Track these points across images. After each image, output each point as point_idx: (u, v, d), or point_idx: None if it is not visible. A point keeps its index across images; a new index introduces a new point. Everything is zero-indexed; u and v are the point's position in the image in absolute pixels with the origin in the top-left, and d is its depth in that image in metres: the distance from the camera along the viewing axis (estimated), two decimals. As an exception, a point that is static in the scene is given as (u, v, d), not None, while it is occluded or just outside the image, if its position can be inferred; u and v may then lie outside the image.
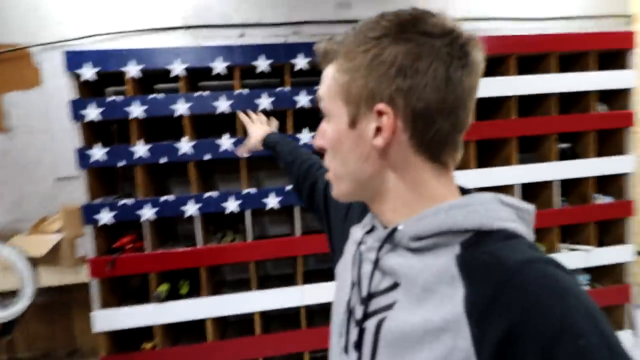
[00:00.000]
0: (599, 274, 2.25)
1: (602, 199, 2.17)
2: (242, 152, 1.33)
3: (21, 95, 2.00)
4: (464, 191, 0.52)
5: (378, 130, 0.47)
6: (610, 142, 2.18)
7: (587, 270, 2.22)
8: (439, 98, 0.44)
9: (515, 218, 0.46)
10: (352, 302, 0.55)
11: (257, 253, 1.88)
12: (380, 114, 0.46)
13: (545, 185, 2.11)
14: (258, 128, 1.27)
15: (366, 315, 0.51)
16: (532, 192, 2.15)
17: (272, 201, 1.87)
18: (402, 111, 0.45)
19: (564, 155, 2.12)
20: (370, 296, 0.51)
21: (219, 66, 1.76)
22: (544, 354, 0.34)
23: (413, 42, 0.44)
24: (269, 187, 1.89)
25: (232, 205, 1.84)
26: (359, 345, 0.51)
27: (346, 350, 0.54)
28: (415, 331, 0.43)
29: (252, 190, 1.85)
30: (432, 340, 0.41)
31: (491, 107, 2.12)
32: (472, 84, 0.47)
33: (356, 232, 0.61)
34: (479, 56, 0.46)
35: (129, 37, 2.05)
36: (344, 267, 0.63)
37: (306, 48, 1.82)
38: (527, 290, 0.37)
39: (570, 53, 2.08)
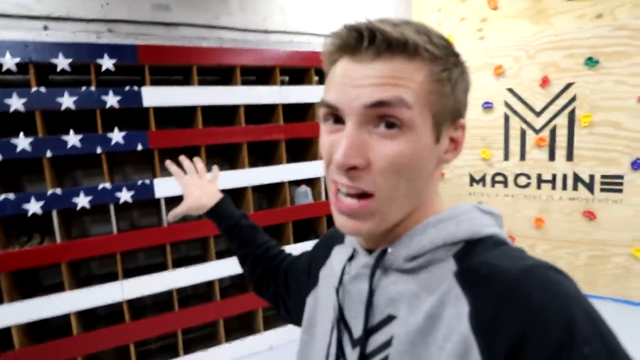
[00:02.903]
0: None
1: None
2: (172, 218, 0.91)
3: None
4: None
5: (451, 144, 0.47)
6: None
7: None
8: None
9: (494, 224, 0.48)
10: (335, 347, 0.51)
11: (67, 254, 1.86)
12: (461, 128, 0.47)
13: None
14: (197, 186, 0.91)
15: (364, 358, 0.47)
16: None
17: (83, 201, 1.87)
18: None
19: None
20: (368, 334, 0.47)
21: (9, 62, 1.68)
22: None
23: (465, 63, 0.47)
24: (78, 187, 1.88)
25: (34, 207, 1.78)
26: None
27: None
28: None
29: (57, 190, 1.82)
30: None
31: (301, 111, 2.47)
32: None
33: (332, 267, 0.58)
34: None
35: None
36: (314, 312, 0.59)
37: (110, 49, 1.85)
38: (531, 298, 0.36)
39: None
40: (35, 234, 1.93)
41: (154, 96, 1.96)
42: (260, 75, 2.45)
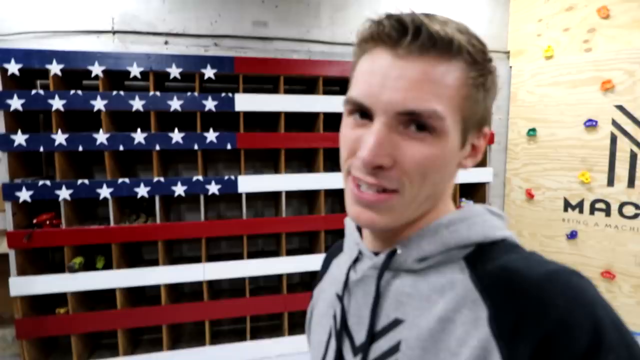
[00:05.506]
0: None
1: (466, 203, 2.61)
2: None
3: (-46, 81, 2.20)
4: None
5: (472, 151, 0.46)
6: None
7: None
8: None
9: (504, 226, 0.47)
10: (332, 357, 0.49)
11: (163, 234, 2.17)
12: (483, 136, 0.46)
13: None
14: None
15: None
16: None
17: (180, 189, 2.16)
18: None
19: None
20: (372, 340, 0.45)
21: (134, 70, 2.04)
22: None
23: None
24: (177, 177, 2.18)
25: (142, 191, 2.12)
26: None
27: None
28: None
29: (161, 178, 2.14)
30: None
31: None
32: None
33: (333, 276, 0.56)
34: None
35: (62, 36, 2.28)
36: (309, 331, 0.58)
37: (212, 60, 2.13)
38: (556, 303, 0.35)
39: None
40: (141, 214, 2.28)
41: (244, 102, 2.19)
42: (343, 85, 2.56)
